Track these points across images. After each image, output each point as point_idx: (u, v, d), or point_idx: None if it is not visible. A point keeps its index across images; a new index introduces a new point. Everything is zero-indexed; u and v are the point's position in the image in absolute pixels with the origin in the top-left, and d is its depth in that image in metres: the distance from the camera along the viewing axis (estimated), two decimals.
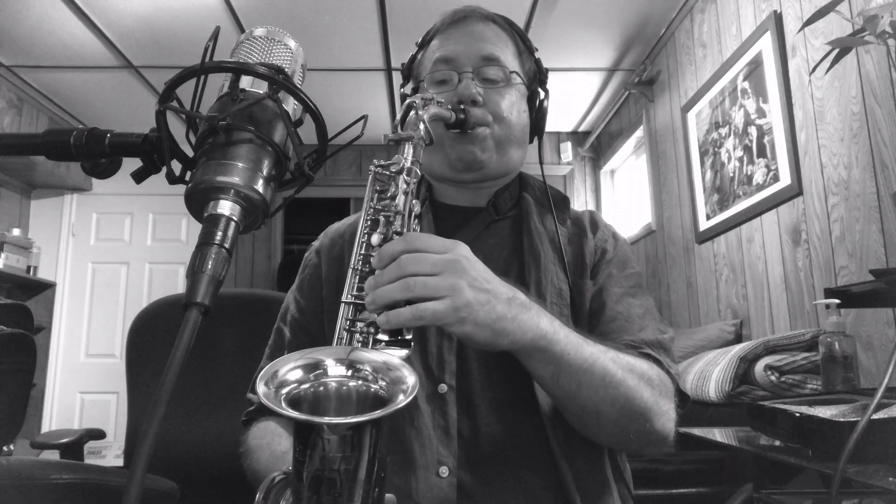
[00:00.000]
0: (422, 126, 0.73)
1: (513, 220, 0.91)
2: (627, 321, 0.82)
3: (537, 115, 0.93)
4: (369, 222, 0.68)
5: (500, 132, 0.87)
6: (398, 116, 0.76)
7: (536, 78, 0.94)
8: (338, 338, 0.62)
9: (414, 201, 0.69)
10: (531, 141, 0.95)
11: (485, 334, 0.62)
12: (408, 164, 0.70)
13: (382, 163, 0.70)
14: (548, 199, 0.91)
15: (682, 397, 0.79)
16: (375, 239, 0.66)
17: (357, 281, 0.64)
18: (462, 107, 0.83)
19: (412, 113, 0.74)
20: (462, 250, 0.64)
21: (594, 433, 0.75)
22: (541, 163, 0.94)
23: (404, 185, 0.68)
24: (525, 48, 0.94)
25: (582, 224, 0.92)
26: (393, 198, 0.68)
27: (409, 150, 0.71)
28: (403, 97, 0.92)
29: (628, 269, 0.88)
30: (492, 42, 0.89)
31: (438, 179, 0.93)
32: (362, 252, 0.66)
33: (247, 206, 0.48)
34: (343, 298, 0.64)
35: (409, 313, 0.58)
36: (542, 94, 0.93)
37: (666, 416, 0.73)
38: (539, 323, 0.66)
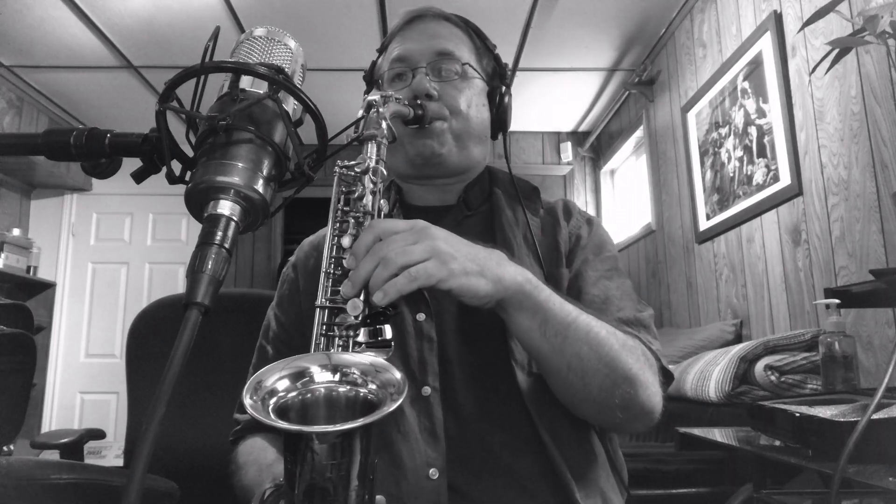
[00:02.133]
0: (384, 124, 0.72)
1: (484, 215, 0.91)
2: (605, 303, 0.82)
3: (499, 110, 0.92)
4: (338, 224, 0.68)
5: (458, 126, 0.87)
6: (359, 115, 0.75)
7: (497, 74, 0.95)
8: (315, 343, 0.61)
9: (382, 200, 0.68)
10: (495, 137, 0.95)
11: (479, 283, 0.64)
12: (372, 164, 0.69)
13: (347, 163, 0.69)
14: (516, 191, 0.91)
15: (665, 374, 0.78)
16: (346, 241, 0.65)
17: (331, 284, 0.63)
18: (418, 102, 0.82)
19: (373, 111, 0.73)
20: (424, 223, 0.65)
21: (580, 400, 0.74)
22: (507, 158, 0.94)
23: (371, 185, 0.68)
24: (483, 45, 0.94)
25: (555, 213, 0.92)
26: (360, 198, 0.67)
27: (372, 148, 0.70)
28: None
29: (604, 252, 0.88)
30: (446, 38, 0.90)
31: (404, 179, 0.93)
32: (334, 255, 0.65)
33: (247, 206, 0.48)
34: (317, 303, 0.63)
35: (404, 278, 0.59)
36: (503, 90, 0.93)
37: (651, 388, 0.73)
38: (524, 270, 0.69)
